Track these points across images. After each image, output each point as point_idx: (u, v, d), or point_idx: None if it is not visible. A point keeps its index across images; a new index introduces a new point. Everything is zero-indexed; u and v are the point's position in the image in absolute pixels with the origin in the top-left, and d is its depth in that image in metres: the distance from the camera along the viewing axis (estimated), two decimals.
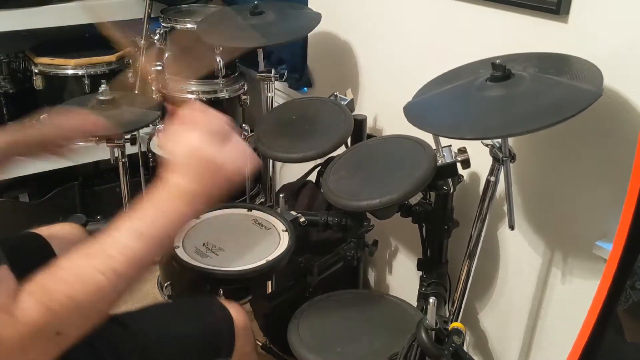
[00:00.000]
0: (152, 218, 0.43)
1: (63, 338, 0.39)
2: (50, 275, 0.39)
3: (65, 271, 0.40)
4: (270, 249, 0.78)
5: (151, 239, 0.42)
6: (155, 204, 0.43)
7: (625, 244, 0.50)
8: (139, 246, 0.42)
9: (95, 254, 0.41)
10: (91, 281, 0.40)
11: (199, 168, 0.45)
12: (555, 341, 0.80)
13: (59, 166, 1.27)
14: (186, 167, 0.45)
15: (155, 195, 0.44)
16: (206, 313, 0.66)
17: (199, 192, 0.45)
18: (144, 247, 0.42)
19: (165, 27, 1.15)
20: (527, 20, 0.73)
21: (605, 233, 0.69)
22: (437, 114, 0.70)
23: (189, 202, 0.44)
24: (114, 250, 0.41)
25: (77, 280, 0.39)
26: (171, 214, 0.44)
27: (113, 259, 0.40)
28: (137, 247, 0.41)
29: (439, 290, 0.84)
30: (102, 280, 0.40)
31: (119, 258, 0.41)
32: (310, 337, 0.73)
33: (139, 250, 0.41)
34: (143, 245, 0.42)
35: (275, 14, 1.02)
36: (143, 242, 0.42)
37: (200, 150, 0.45)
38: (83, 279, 0.39)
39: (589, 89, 0.59)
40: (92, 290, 0.39)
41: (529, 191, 0.79)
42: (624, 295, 0.51)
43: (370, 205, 0.72)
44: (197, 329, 0.64)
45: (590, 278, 0.73)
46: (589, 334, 0.52)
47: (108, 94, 1.00)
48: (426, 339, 0.57)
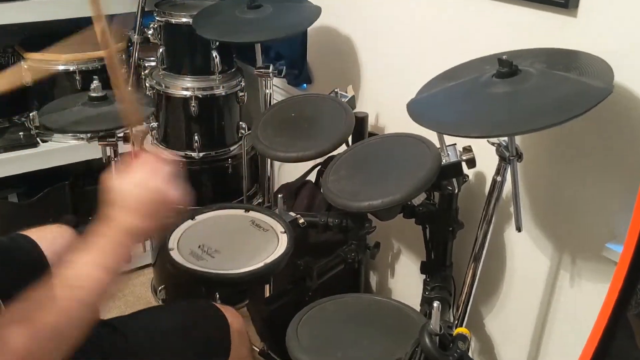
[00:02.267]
0: (114, 255, 0.50)
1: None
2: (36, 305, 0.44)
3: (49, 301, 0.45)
4: (268, 251, 0.76)
5: (113, 270, 0.50)
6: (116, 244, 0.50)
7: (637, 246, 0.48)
8: (105, 277, 0.48)
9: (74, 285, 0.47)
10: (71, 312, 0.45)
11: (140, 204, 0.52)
12: (564, 347, 0.79)
13: (49, 165, 1.24)
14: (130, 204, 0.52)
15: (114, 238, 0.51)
16: (201, 317, 0.66)
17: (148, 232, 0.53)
18: (109, 277, 0.49)
19: (160, 21, 1.12)
20: (535, 15, 0.72)
21: (615, 235, 0.68)
22: (441, 111, 0.68)
23: (134, 235, 0.51)
24: (88, 282, 0.47)
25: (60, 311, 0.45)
26: (126, 249, 0.51)
27: (86, 290, 0.47)
28: (104, 278, 0.48)
29: (443, 294, 0.82)
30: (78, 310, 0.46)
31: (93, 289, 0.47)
32: (310, 342, 0.71)
33: (105, 281, 0.49)
34: (108, 275, 0.49)
35: (273, 8, 1.00)
36: (108, 273, 0.49)
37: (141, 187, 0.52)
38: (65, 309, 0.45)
39: (599, 86, 0.57)
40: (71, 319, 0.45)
41: (537, 191, 0.78)
42: (634, 299, 0.50)
43: (372, 206, 0.71)
44: (191, 333, 0.63)
45: (599, 281, 0.72)
46: (599, 340, 0.50)
47: (100, 90, 0.97)
48: (430, 344, 0.55)
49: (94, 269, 0.48)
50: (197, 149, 1.15)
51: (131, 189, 0.52)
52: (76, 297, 0.46)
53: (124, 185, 0.52)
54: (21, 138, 1.22)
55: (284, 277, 0.85)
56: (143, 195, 0.52)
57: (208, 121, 1.17)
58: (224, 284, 0.77)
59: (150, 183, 0.52)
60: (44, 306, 0.44)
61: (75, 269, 0.48)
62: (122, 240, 0.50)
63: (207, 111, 1.15)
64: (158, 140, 1.21)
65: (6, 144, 1.20)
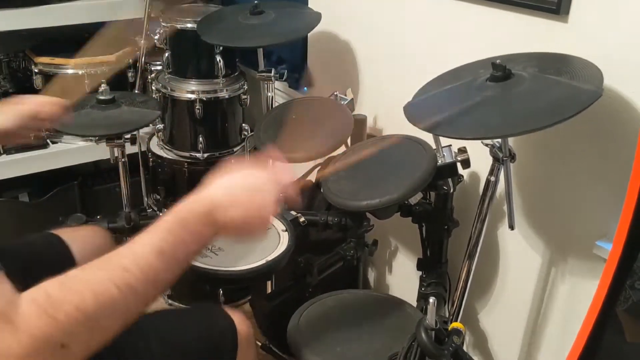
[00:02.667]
0: (177, 238, 0.40)
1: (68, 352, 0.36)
2: (59, 284, 0.36)
3: (76, 280, 0.37)
4: (270, 248, 0.78)
5: (172, 259, 0.40)
6: (183, 224, 0.41)
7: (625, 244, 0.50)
8: (159, 264, 0.39)
9: (111, 266, 0.38)
10: (104, 293, 0.37)
11: (237, 203, 0.43)
12: (555, 341, 0.80)
13: (58, 166, 1.27)
14: (226, 198, 0.43)
15: (184, 214, 0.42)
16: (209, 321, 0.65)
17: (230, 225, 0.43)
18: (164, 266, 0.40)
19: (166, 26, 1.15)
20: (528, 20, 0.73)
21: (605, 233, 0.69)
22: (437, 113, 0.69)
23: (217, 231, 0.43)
24: (132, 265, 0.38)
25: (88, 291, 0.36)
26: (197, 237, 0.42)
27: (130, 273, 0.38)
28: (157, 265, 0.39)
29: (438, 290, 0.83)
30: (115, 293, 0.37)
31: (136, 273, 0.38)
32: (310, 337, 0.73)
33: (158, 269, 0.39)
34: (163, 264, 0.39)
35: (275, 14, 1.02)
36: (164, 261, 0.39)
37: (244, 187, 0.45)
38: (95, 290, 0.37)
39: (589, 89, 0.59)
40: (104, 303, 0.37)
41: (529, 191, 0.79)
42: (623, 295, 0.51)
43: (370, 205, 0.72)
44: (199, 336, 0.63)
45: (590, 278, 0.73)
46: (589, 334, 0.52)
47: (108, 93, 1.00)
48: (426, 339, 0.56)
49: (151, 252, 0.38)
50: (201, 150, 1.18)
51: (237, 179, 0.44)
52: (118, 279, 0.37)
53: (232, 175, 0.44)
54: (32, 139, 1.25)
55: (285, 273, 0.86)
56: (248, 187, 0.43)
57: (212, 123, 1.19)
58: (227, 281, 0.78)
59: (262, 185, 0.44)
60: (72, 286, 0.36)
61: (127, 249, 0.39)
62: (199, 226, 0.41)
63: (211, 113, 1.17)
64: (164, 141, 1.23)
65: (17, 145, 1.23)
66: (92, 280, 0.38)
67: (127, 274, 0.38)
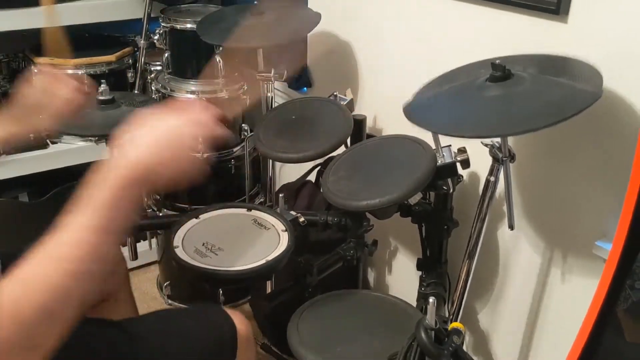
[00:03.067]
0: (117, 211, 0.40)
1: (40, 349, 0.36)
2: (20, 284, 0.36)
3: (35, 279, 0.37)
4: (270, 249, 0.78)
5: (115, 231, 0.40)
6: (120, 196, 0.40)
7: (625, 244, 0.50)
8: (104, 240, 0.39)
9: (63, 257, 0.38)
10: (61, 287, 0.37)
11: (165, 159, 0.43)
12: (555, 341, 0.80)
13: (58, 166, 1.27)
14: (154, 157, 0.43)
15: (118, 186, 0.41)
16: (209, 321, 0.65)
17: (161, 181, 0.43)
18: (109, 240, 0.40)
19: (165, 27, 1.15)
20: (528, 21, 0.73)
21: (604, 233, 0.69)
22: (436, 113, 0.70)
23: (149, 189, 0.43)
24: (79, 250, 0.38)
25: (47, 289, 0.36)
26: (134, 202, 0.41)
27: (80, 260, 0.38)
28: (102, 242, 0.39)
29: (438, 290, 0.84)
30: (71, 284, 0.37)
31: (84, 257, 0.38)
32: (310, 337, 0.73)
33: (101, 245, 0.39)
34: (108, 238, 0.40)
35: (275, 14, 1.02)
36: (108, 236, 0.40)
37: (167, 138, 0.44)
38: (53, 286, 0.37)
39: (589, 90, 0.59)
40: (63, 296, 0.37)
41: (529, 191, 0.79)
42: (623, 295, 0.52)
43: (370, 205, 0.72)
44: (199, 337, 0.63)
45: (589, 278, 0.73)
46: (589, 334, 0.52)
47: (108, 93, 1.00)
48: (426, 339, 0.56)
49: (95, 232, 0.38)
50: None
51: (148, 125, 0.42)
52: (67, 269, 0.37)
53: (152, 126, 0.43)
54: (31, 139, 1.25)
55: (285, 274, 0.86)
56: (161, 129, 0.42)
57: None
58: (227, 281, 0.78)
59: (183, 130, 0.43)
60: (29, 283, 0.36)
61: (64, 236, 0.38)
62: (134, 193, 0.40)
63: None
64: None
65: (17, 145, 1.23)
66: (48, 276, 0.37)
67: (77, 262, 0.38)
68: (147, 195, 1.29)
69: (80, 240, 0.39)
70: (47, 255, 0.39)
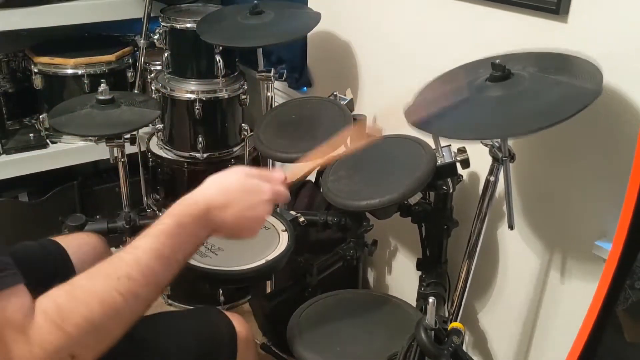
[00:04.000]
0: (177, 241, 0.42)
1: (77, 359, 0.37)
2: (67, 295, 0.38)
3: (83, 291, 0.38)
4: (270, 248, 0.78)
5: (172, 262, 0.42)
6: (182, 227, 0.43)
7: (625, 244, 0.50)
8: (160, 268, 0.41)
9: (115, 274, 0.40)
10: (110, 303, 0.38)
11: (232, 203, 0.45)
12: (555, 341, 0.80)
13: (58, 166, 1.27)
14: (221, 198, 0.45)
15: (182, 217, 0.43)
16: (208, 324, 0.65)
17: (224, 225, 0.45)
18: (164, 269, 0.41)
19: (165, 26, 1.15)
20: (527, 20, 0.73)
21: (604, 233, 0.69)
22: (436, 113, 0.69)
23: (212, 231, 0.45)
24: (136, 272, 0.40)
25: (95, 302, 0.38)
26: (195, 239, 0.44)
27: (133, 280, 0.39)
28: (158, 269, 0.41)
29: (438, 290, 0.84)
30: (120, 302, 0.39)
31: (139, 280, 0.40)
32: (310, 336, 0.73)
33: (159, 273, 0.41)
34: (164, 267, 0.41)
35: (274, 14, 1.02)
36: (164, 265, 0.41)
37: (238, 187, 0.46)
38: (102, 300, 0.38)
39: (589, 88, 0.58)
40: (110, 312, 0.38)
41: (529, 191, 0.79)
42: (623, 295, 0.51)
43: (370, 205, 0.72)
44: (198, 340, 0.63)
45: (589, 278, 0.73)
46: (588, 334, 0.52)
47: (107, 93, 1.00)
48: (425, 338, 0.56)
49: (153, 257, 0.40)
50: (201, 150, 1.17)
51: (230, 179, 0.45)
52: (123, 288, 0.39)
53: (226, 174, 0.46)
54: (31, 139, 1.25)
55: (285, 273, 0.87)
56: (241, 187, 0.45)
57: (212, 123, 1.19)
58: (227, 281, 0.78)
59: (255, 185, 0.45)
60: (77, 294, 0.38)
61: (123, 255, 0.40)
62: (196, 228, 0.43)
63: (211, 113, 1.17)
64: (164, 141, 1.23)
65: (17, 145, 1.23)
66: (98, 290, 0.39)
67: (130, 281, 0.40)
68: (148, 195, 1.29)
69: (138, 261, 0.40)
70: (102, 270, 0.40)
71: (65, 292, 0.38)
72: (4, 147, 1.22)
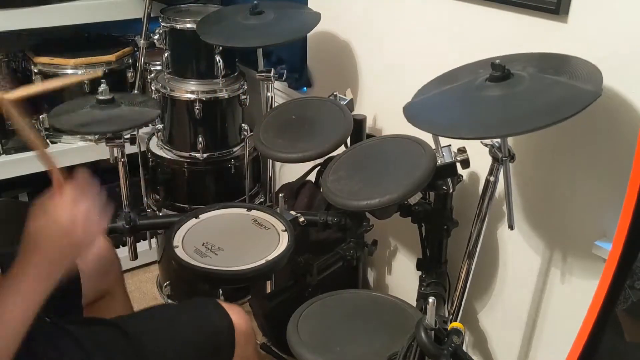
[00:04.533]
0: (31, 289, 0.47)
1: None
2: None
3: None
4: (270, 248, 0.78)
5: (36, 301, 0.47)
6: (15, 285, 0.47)
7: (625, 244, 0.50)
8: (28, 313, 0.46)
9: None
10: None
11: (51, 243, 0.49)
12: (555, 341, 0.80)
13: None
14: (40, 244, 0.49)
15: (15, 277, 0.48)
16: (205, 317, 0.65)
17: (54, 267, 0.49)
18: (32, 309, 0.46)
19: (165, 26, 1.15)
20: (527, 21, 0.73)
21: (604, 233, 0.69)
22: (436, 113, 0.70)
23: (45, 278, 0.49)
24: (8, 320, 0.45)
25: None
26: (44, 280, 0.48)
27: (5, 326, 0.44)
28: (27, 314, 0.46)
29: (438, 290, 0.84)
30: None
31: (13, 327, 0.45)
32: (310, 337, 0.73)
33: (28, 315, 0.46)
34: (31, 309, 0.46)
35: (274, 14, 1.02)
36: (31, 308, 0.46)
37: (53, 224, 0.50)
38: None
39: (589, 89, 0.59)
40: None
41: (529, 191, 0.79)
42: (623, 295, 0.51)
43: (370, 205, 0.72)
44: (195, 333, 0.63)
45: (589, 278, 0.73)
46: (588, 334, 0.52)
47: (107, 93, 1.00)
48: (425, 338, 0.56)
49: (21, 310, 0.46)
50: (201, 150, 1.17)
51: (43, 226, 0.50)
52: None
53: (39, 221, 0.51)
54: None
55: (285, 273, 0.87)
56: (54, 232, 0.50)
57: (212, 123, 1.19)
58: (226, 281, 0.78)
59: (63, 216, 0.50)
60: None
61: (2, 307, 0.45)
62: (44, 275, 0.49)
63: (211, 114, 1.17)
64: (163, 141, 1.23)
65: (17, 145, 1.22)
66: None
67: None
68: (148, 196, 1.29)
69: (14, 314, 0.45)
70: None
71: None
72: (4, 147, 1.22)
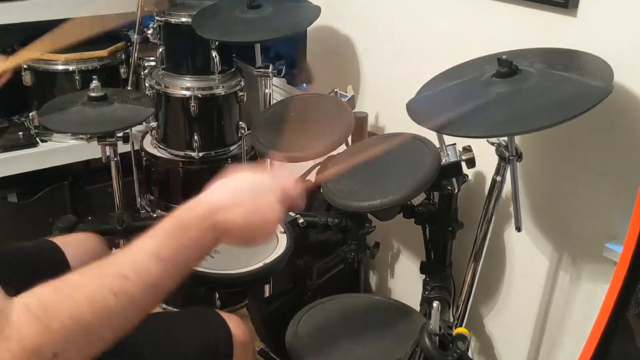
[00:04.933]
0: (177, 242, 0.39)
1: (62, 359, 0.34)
2: (53, 290, 0.35)
3: (72, 287, 0.36)
4: (268, 251, 0.76)
5: (172, 265, 0.39)
6: (183, 228, 0.40)
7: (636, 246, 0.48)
8: (158, 270, 0.38)
9: (109, 272, 0.37)
10: (100, 301, 0.35)
11: (239, 205, 0.42)
12: (564, 346, 0.79)
13: (48, 165, 1.24)
14: (227, 200, 0.42)
15: (184, 218, 0.40)
16: (202, 326, 0.64)
17: (232, 228, 0.41)
18: (163, 272, 0.38)
19: (159, 21, 1.12)
20: (535, 15, 0.72)
21: (615, 235, 0.68)
22: (441, 111, 0.68)
23: (219, 235, 0.41)
24: (130, 271, 0.37)
25: (84, 298, 0.35)
26: (198, 242, 0.40)
27: (127, 279, 0.36)
28: (156, 271, 0.38)
29: (442, 294, 0.82)
30: (112, 301, 0.36)
31: (134, 280, 0.37)
32: (309, 342, 0.71)
33: (157, 275, 0.38)
34: (162, 270, 0.38)
35: (273, 8, 1.00)
36: (163, 267, 0.38)
37: (246, 189, 0.43)
38: (91, 297, 0.35)
39: (599, 86, 0.57)
40: (100, 311, 0.35)
41: (537, 191, 0.78)
42: (634, 298, 0.50)
43: (372, 205, 0.70)
44: (191, 343, 0.62)
45: (599, 281, 0.72)
46: (599, 339, 0.50)
47: (99, 90, 0.97)
48: (430, 344, 0.55)
49: (150, 257, 0.37)
50: (196, 149, 1.15)
51: (238, 182, 0.42)
52: (115, 287, 0.36)
53: (233, 177, 0.43)
54: (20, 138, 1.22)
55: (284, 276, 0.85)
56: (250, 190, 0.42)
57: (208, 121, 1.17)
58: (223, 284, 0.76)
59: (265, 188, 0.43)
60: (64, 291, 0.35)
61: (120, 255, 0.38)
62: (200, 230, 0.39)
63: (207, 111, 1.15)
64: (158, 140, 1.21)
65: (5, 143, 1.20)
66: (88, 287, 0.36)
67: (124, 280, 0.37)
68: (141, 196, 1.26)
69: (133, 260, 0.38)
70: (94, 268, 0.37)
71: (51, 287, 0.35)
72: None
